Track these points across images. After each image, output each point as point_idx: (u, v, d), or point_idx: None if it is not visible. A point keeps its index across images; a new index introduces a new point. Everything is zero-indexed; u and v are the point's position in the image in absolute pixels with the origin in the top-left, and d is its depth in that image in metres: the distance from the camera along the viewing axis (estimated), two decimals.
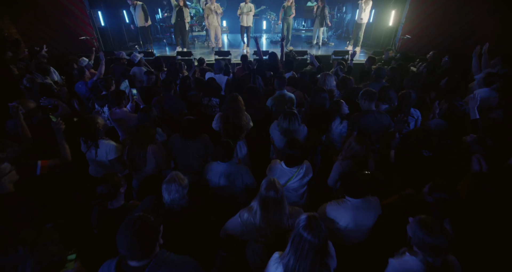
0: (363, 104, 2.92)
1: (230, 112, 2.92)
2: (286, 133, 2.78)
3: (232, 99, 2.92)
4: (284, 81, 3.64)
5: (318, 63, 4.79)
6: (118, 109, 3.15)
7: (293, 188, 2.45)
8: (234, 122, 2.93)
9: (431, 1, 6.60)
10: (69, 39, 7.23)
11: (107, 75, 5.05)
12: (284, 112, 2.79)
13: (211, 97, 3.73)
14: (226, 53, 6.77)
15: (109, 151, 2.60)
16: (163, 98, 3.55)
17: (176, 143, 2.77)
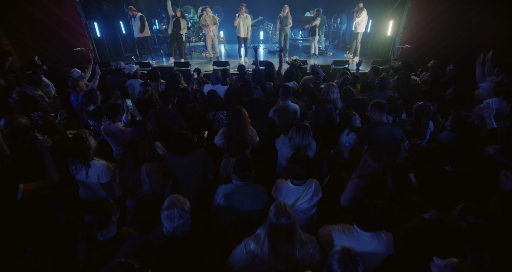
0: (373, 116, 2.78)
1: (234, 127, 2.72)
2: (298, 149, 2.60)
3: (236, 113, 2.72)
4: (289, 91, 3.49)
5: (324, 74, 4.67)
6: (112, 124, 2.95)
7: (301, 210, 2.24)
8: (238, 138, 2.73)
9: (428, 11, 6.64)
10: (64, 50, 7.08)
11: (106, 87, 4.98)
12: (296, 125, 2.61)
13: (217, 111, 3.55)
14: (224, 63, 6.67)
15: (102, 173, 2.37)
16: (160, 111, 3.36)
17: (172, 159, 2.57)
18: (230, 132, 2.74)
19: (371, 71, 4.76)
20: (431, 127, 3.09)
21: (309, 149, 2.65)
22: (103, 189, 2.46)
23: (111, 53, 8.21)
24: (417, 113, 2.92)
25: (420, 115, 2.91)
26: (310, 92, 3.81)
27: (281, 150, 2.81)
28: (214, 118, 3.63)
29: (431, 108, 2.89)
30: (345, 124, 2.89)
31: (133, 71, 4.61)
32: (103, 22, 7.73)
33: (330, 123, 3.10)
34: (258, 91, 3.84)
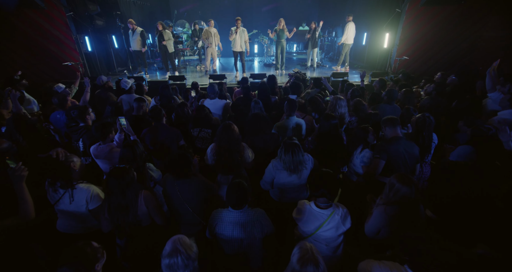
0: (386, 132, 2.59)
1: (223, 143, 2.50)
2: (292, 167, 2.36)
3: (225, 129, 2.50)
4: (295, 105, 3.27)
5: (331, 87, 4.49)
6: (102, 145, 2.64)
7: (324, 238, 1.95)
8: (227, 156, 2.49)
9: (423, 24, 6.73)
10: (52, 65, 6.79)
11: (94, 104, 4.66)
12: (284, 144, 2.38)
13: (202, 128, 3.28)
14: (221, 76, 6.48)
15: (91, 198, 2.07)
16: (155, 128, 3.08)
17: (168, 183, 2.27)
18: (219, 149, 2.52)
19: (377, 83, 4.63)
20: (435, 140, 2.91)
21: (303, 166, 2.40)
22: (93, 216, 2.12)
23: (103, 67, 7.96)
24: (418, 126, 2.75)
25: (421, 128, 2.73)
26: (319, 107, 3.61)
27: (276, 176, 2.49)
28: (199, 135, 3.35)
29: (431, 120, 2.73)
30: (359, 140, 2.67)
31: (129, 86, 4.33)
32: (95, 36, 7.53)
33: (334, 140, 2.89)
34: (259, 105, 3.61)
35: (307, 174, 2.45)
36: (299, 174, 2.43)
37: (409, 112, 3.10)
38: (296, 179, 2.46)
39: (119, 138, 2.80)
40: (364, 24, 8.76)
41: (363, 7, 8.97)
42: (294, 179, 2.46)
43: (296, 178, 2.46)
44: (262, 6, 12.65)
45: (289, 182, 2.49)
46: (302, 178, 2.47)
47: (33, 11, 6.10)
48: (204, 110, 3.25)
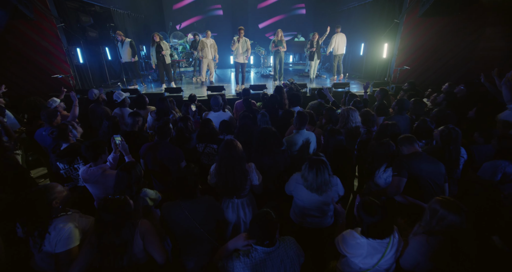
0: (404, 150, 2.38)
1: (224, 164, 2.24)
2: (314, 186, 2.12)
3: (227, 147, 2.25)
4: (306, 118, 3.04)
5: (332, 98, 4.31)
6: (93, 167, 2.32)
7: (385, 268, 1.69)
8: (228, 177, 2.22)
9: (421, 34, 6.75)
10: (41, 77, 6.45)
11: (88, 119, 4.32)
12: (309, 160, 2.14)
13: (208, 143, 3.01)
14: (219, 88, 6.26)
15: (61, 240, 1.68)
16: (156, 146, 2.78)
17: (172, 210, 1.96)
18: (220, 170, 2.26)
19: (378, 93, 4.48)
20: (463, 154, 2.71)
21: (328, 187, 2.16)
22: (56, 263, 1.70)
23: (95, 80, 7.66)
24: (444, 139, 2.53)
25: (447, 142, 2.52)
26: (333, 118, 3.40)
27: (295, 190, 2.28)
28: (204, 151, 3.09)
29: (458, 131, 2.52)
30: (381, 157, 2.42)
31: (121, 99, 4.04)
32: (87, 48, 7.28)
33: (342, 157, 2.66)
34: (266, 118, 3.36)
35: (332, 195, 2.19)
36: (323, 197, 2.17)
37: (426, 124, 2.89)
38: (316, 197, 2.20)
39: (114, 158, 2.49)
40: (361, 34, 8.81)
41: (359, 18, 9.05)
42: (315, 197, 2.20)
43: (318, 200, 2.20)
44: (258, 19, 12.72)
45: (309, 199, 2.23)
46: (325, 200, 2.21)
47: (21, 22, 5.83)
48: (209, 124, 2.99)
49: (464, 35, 6.75)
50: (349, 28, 9.11)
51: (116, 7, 8.85)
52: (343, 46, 8.07)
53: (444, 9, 5.94)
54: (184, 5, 12.15)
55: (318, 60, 7.86)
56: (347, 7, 10.10)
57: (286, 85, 5.34)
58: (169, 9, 12.15)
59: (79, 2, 7.31)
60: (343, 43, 8.05)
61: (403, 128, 3.70)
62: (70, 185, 2.67)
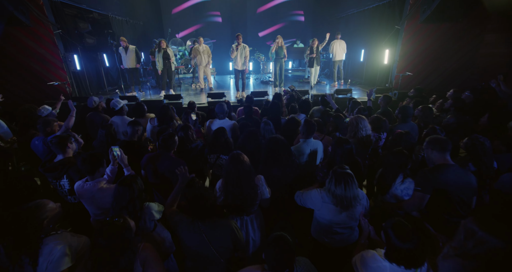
0: (432, 155, 2.18)
1: (230, 179, 2.07)
2: (344, 203, 1.95)
3: (233, 160, 2.08)
4: (314, 127, 2.90)
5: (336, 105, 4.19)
6: (90, 181, 2.15)
7: None
8: (236, 194, 2.05)
9: (421, 40, 6.75)
10: (36, 85, 6.29)
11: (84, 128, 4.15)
12: (335, 173, 1.98)
13: (220, 154, 2.86)
14: (220, 95, 6.14)
15: (52, 262, 1.51)
16: (158, 158, 2.62)
17: (188, 228, 1.77)
18: (226, 186, 2.09)
19: (382, 100, 4.38)
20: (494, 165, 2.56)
21: (356, 202, 2.00)
22: None
23: (92, 87, 7.51)
24: (474, 152, 2.37)
25: (479, 154, 2.35)
26: (340, 126, 3.27)
27: (321, 210, 2.10)
28: (216, 162, 2.93)
29: (483, 143, 2.35)
30: (395, 168, 2.28)
31: (119, 107, 3.88)
32: (84, 55, 7.16)
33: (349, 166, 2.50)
34: (270, 127, 3.22)
35: (360, 210, 2.03)
36: (351, 211, 2.01)
37: (436, 132, 2.75)
38: (345, 217, 2.04)
39: (112, 171, 2.33)
40: (361, 41, 8.82)
41: (358, 25, 9.08)
42: (344, 218, 2.04)
43: (345, 216, 2.04)
44: (257, 27, 12.73)
45: (336, 217, 2.06)
46: (353, 217, 2.05)
47: (17, 29, 5.70)
48: (223, 134, 2.84)
49: (465, 42, 6.76)
50: (348, 34, 9.12)
51: (115, 14, 8.79)
52: (342, 52, 8.10)
53: (445, 15, 5.94)
54: (184, 8, 12.12)
55: (318, 67, 7.78)
56: (346, 14, 10.16)
57: (287, 92, 5.23)
58: (167, 16, 12.14)
59: (77, 9, 7.22)
60: (342, 50, 8.09)
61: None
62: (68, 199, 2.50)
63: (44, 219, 1.55)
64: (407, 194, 2.18)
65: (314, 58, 7.50)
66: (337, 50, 8.00)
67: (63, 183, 2.50)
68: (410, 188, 2.18)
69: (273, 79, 8.40)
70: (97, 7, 8.03)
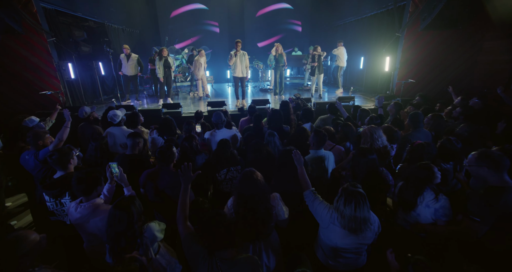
0: (485, 174, 1.88)
1: (244, 201, 1.82)
2: (353, 225, 1.74)
3: (246, 179, 1.84)
4: (324, 138, 2.73)
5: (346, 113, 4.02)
6: (84, 203, 1.91)
7: None
8: (248, 217, 1.80)
9: (422, 47, 6.74)
10: (28, 94, 6.03)
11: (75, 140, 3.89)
12: (345, 191, 1.78)
13: (230, 167, 2.65)
14: (220, 103, 5.97)
15: None
16: (157, 173, 2.40)
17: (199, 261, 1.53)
18: (238, 209, 1.85)
19: (392, 107, 4.26)
20: None
21: (366, 226, 1.78)
22: None
23: (87, 96, 7.27)
24: None
25: None
26: (353, 135, 3.11)
27: (327, 230, 1.90)
28: (226, 177, 2.71)
29: None
30: (420, 182, 2.09)
31: (118, 121, 3.64)
32: (79, 63, 6.95)
33: (374, 180, 2.30)
34: (275, 138, 3.04)
35: (371, 236, 1.83)
36: (361, 236, 1.81)
37: (452, 144, 2.57)
38: (354, 241, 1.83)
39: (109, 189, 2.10)
40: (360, 48, 8.83)
41: (357, 33, 9.13)
42: (351, 242, 1.84)
43: (354, 241, 1.83)
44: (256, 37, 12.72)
45: (344, 244, 1.86)
46: (362, 242, 1.85)
47: (8, 36, 5.48)
48: (228, 147, 2.63)
49: (465, 48, 6.78)
50: (346, 42, 9.11)
51: (111, 22, 8.66)
52: (343, 59, 8.13)
53: (446, 23, 5.94)
54: (181, 17, 12.05)
55: (321, 75, 7.69)
56: (343, 22, 10.23)
57: (292, 101, 5.09)
58: (164, 24, 12.07)
59: (72, 17, 7.07)
60: (343, 56, 8.11)
61: None
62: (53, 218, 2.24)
63: (23, 255, 1.32)
64: (444, 215, 1.95)
65: (315, 66, 7.42)
66: (343, 56, 8.08)
67: (64, 201, 2.26)
68: (446, 207, 1.96)
69: (273, 87, 8.30)
70: (93, 15, 7.90)
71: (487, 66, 6.70)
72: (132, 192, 2.12)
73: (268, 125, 3.71)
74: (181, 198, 1.79)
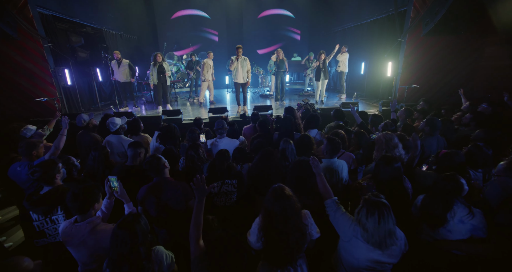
0: None
1: (275, 222, 1.61)
2: (377, 239, 1.58)
3: (277, 196, 1.63)
4: (339, 146, 2.58)
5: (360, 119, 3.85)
6: (80, 223, 1.72)
7: None
8: (283, 237, 1.60)
9: (424, 52, 6.72)
10: (22, 101, 5.83)
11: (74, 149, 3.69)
12: (367, 202, 1.63)
13: (225, 180, 2.47)
14: (222, 110, 5.81)
15: None
16: (159, 185, 2.21)
17: None
18: (267, 231, 1.64)
19: (402, 113, 4.15)
20: None
21: (391, 241, 1.62)
22: None
23: (84, 102, 7.07)
24: None
25: None
26: (363, 144, 2.96)
27: (349, 245, 1.73)
28: (221, 190, 2.51)
29: None
30: (447, 195, 1.93)
31: (115, 129, 3.46)
32: (76, 69, 6.78)
33: (400, 191, 2.15)
34: (291, 146, 2.86)
35: (397, 254, 1.66)
36: (386, 252, 1.63)
37: (482, 150, 2.46)
38: (377, 257, 1.66)
39: (107, 205, 1.91)
40: (361, 54, 8.80)
41: (357, 38, 9.12)
42: (375, 254, 1.66)
43: (379, 257, 1.66)
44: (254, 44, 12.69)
45: (366, 256, 1.68)
46: (389, 260, 1.67)
47: (2, 42, 5.32)
48: (227, 159, 2.44)
49: (465, 55, 6.78)
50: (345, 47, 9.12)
51: (109, 28, 8.55)
52: (346, 64, 8.13)
53: (448, 28, 5.93)
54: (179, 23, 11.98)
55: (326, 81, 7.58)
56: (342, 28, 10.25)
57: (301, 106, 4.96)
58: (162, 30, 11.99)
59: (69, 22, 6.94)
60: (346, 62, 8.11)
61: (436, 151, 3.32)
62: (41, 242, 2.03)
63: None
64: (484, 232, 1.79)
65: (321, 71, 7.32)
66: (346, 62, 8.06)
67: (55, 218, 2.05)
68: (484, 222, 1.81)
69: (274, 93, 8.19)
70: (91, 21, 7.79)
71: (488, 71, 6.68)
72: (133, 208, 1.93)
73: (278, 133, 3.55)
74: (194, 214, 1.60)
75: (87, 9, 7.81)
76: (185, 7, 11.80)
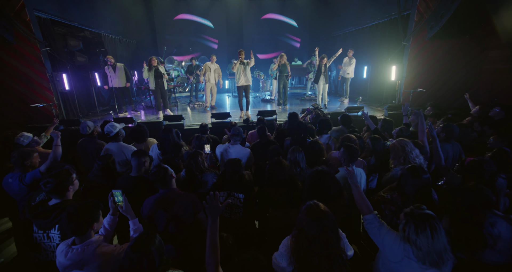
0: None
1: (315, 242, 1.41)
2: (435, 257, 1.42)
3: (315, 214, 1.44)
4: (356, 153, 2.43)
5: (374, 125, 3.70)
6: (78, 246, 1.53)
7: None
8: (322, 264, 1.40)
9: (428, 56, 6.66)
10: (18, 107, 5.64)
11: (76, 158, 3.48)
12: (412, 217, 1.47)
13: (232, 192, 2.30)
14: (225, 115, 5.66)
15: None
16: (168, 199, 2.04)
17: None
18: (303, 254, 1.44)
19: (415, 118, 4.01)
20: None
21: (448, 256, 1.45)
22: None
23: (82, 108, 6.89)
24: None
25: None
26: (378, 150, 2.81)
27: (401, 263, 1.55)
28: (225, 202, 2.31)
29: None
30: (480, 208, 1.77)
31: (115, 132, 3.29)
32: (74, 74, 6.61)
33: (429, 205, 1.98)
34: (302, 154, 2.71)
35: (450, 267, 1.49)
36: (444, 269, 1.47)
37: (508, 155, 2.34)
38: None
39: (110, 222, 1.73)
40: (363, 58, 8.74)
41: (359, 42, 9.07)
42: None
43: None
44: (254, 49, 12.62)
45: None
46: None
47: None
48: (240, 169, 2.27)
49: (470, 58, 6.73)
50: (346, 52, 9.04)
51: (107, 32, 8.42)
52: (353, 70, 8.08)
53: (453, 31, 5.87)
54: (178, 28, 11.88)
55: (327, 85, 7.49)
56: (343, 32, 10.21)
57: (311, 111, 4.83)
58: (162, 35, 11.89)
59: (68, 26, 6.80)
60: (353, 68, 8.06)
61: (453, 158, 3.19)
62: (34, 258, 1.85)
63: None
64: None
65: (322, 74, 7.23)
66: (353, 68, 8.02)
67: (52, 235, 1.87)
68: None
69: (276, 98, 8.07)
70: (89, 25, 7.66)
71: (493, 75, 6.62)
72: (139, 225, 1.75)
73: (291, 139, 3.39)
74: (209, 236, 1.42)
75: (86, 13, 7.69)
76: (186, 12, 11.74)
